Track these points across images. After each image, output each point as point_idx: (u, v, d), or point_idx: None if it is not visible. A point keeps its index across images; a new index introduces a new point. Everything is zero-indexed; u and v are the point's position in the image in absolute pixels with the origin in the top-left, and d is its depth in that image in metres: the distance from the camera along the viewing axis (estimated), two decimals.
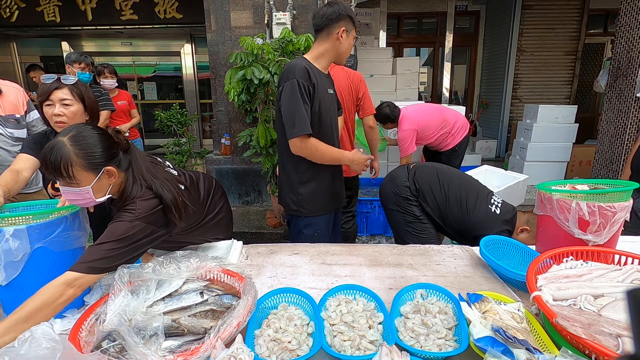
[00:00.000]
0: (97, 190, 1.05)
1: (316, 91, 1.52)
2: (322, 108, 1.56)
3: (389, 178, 1.97)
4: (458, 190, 1.73)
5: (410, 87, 5.40)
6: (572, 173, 4.78)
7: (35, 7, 5.58)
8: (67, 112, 1.40)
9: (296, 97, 1.47)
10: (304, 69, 1.49)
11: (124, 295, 0.87)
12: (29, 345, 0.63)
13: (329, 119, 1.62)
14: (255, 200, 4.40)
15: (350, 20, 1.55)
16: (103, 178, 1.05)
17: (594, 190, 1.15)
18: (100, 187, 1.05)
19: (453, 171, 1.88)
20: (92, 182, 1.02)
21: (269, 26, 3.78)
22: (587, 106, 6.33)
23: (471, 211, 1.67)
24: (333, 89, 1.69)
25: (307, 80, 1.49)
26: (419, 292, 1.01)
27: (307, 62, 1.57)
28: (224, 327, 0.78)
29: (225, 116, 4.23)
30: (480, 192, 1.73)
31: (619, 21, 3.44)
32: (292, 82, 1.47)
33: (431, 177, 1.82)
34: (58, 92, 1.40)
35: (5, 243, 0.88)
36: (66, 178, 0.99)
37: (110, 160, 1.07)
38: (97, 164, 1.03)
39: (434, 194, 1.77)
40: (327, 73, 1.67)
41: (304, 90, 1.48)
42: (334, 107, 1.68)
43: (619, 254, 0.98)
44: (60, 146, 0.98)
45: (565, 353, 0.68)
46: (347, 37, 1.56)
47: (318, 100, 1.53)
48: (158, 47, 6.61)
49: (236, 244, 1.44)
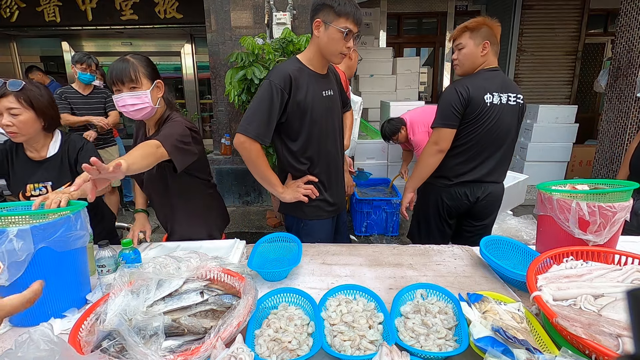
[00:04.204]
0: (152, 98, 1.37)
1: (300, 94, 1.42)
2: (314, 111, 1.46)
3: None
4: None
5: (410, 87, 5.41)
6: (572, 173, 4.79)
7: (35, 7, 5.58)
8: (15, 122, 1.32)
9: (264, 99, 1.39)
10: (285, 74, 1.39)
11: (124, 295, 0.87)
12: (27, 348, 0.63)
13: (324, 121, 1.51)
14: (255, 200, 4.40)
15: (329, 10, 1.33)
16: (155, 89, 1.39)
17: (594, 190, 1.15)
18: (153, 96, 1.38)
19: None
20: (150, 87, 1.36)
21: (269, 26, 3.78)
22: (587, 106, 6.33)
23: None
24: (334, 89, 1.57)
25: (283, 84, 1.38)
26: (419, 292, 1.01)
27: (297, 64, 1.45)
28: (224, 327, 0.78)
29: (225, 116, 4.24)
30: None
31: (619, 21, 3.44)
32: (266, 83, 1.40)
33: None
34: (4, 101, 1.31)
35: (9, 243, 0.88)
36: (133, 81, 1.32)
37: (159, 77, 1.41)
38: (152, 74, 1.38)
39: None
40: (326, 72, 1.54)
41: (276, 93, 1.38)
42: (333, 108, 1.57)
43: (619, 254, 0.98)
44: (125, 60, 1.34)
45: (565, 353, 0.68)
46: (325, 29, 1.35)
47: (308, 103, 1.44)
48: (158, 47, 6.60)
49: (239, 243, 1.44)
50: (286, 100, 1.41)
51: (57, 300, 1.00)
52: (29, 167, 1.47)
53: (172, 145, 1.27)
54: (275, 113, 1.40)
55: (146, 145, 1.21)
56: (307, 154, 1.53)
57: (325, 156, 1.57)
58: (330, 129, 1.56)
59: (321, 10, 1.35)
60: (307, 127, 1.47)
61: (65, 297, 1.02)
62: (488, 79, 1.69)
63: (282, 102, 1.40)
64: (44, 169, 1.47)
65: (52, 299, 0.99)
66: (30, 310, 0.96)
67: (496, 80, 1.69)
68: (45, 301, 0.98)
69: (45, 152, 1.48)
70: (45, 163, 1.48)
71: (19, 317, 0.97)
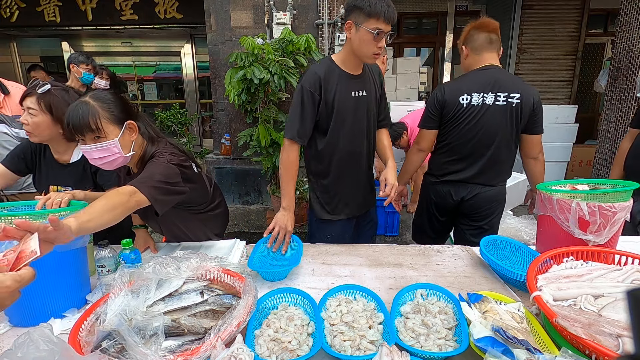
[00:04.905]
0: (123, 145, 1.18)
1: (329, 94, 1.46)
2: (341, 110, 1.49)
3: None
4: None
5: (410, 87, 5.41)
6: (572, 173, 4.78)
7: (35, 7, 5.58)
8: (30, 122, 1.34)
9: (297, 103, 1.47)
10: (314, 76, 1.45)
11: (124, 295, 0.87)
12: (26, 348, 0.63)
13: (352, 121, 1.52)
14: (255, 200, 4.40)
15: (359, 12, 1.34)
16: (126, 133, 1.19)
17: (594, 190, 1.15)
18: (124, 142, 1.19)
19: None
20: (118, 135, 1.15)
21: (269, 26, 3.78)
22: (587, 106, 6.32)
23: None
24: (369, 90, 1.56)
25: (313, 87, 1.45)
26: (419, 292, 1.01)
27: (328, 64, 1.49)
28: (224, 327, 0.78)
29: (225, 116, 4.23)
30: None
31: (619, 21, 3.44)
32: (298, 88, 1.48)
33: None
34: (27, 100, 1.34)
35: (10, 244, 0.88)
36: (95, 131, 1.11)
37: (130, 117, 1.20)
38: (120, 117, 1.17)
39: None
40: (360, 73, 1.53)
41: (307, 96, 1.45)
42: (364, 109, 1.55)
43: (619, 254, 0.98)
44: (84, 104, 1.12)
45: (565, 353, 0.68)
46: (356, 31, 1.37)
47: (332, 102, 1.47)
48: (158, 47, 6.61)
49: (239, 244, 1.44)
50: (318, 101, 1.48)
51: (57, 301, 1.00)
52: (55, 167, 1.50)
53: (152, 187, 1.08)
54: (309, 114, 1.47)
55: (115, 193, 1.00)
56: (330, 152, 1.56)
57: (349, 156, 1.58)
58: (357, 130, 1.55)
59: (352, 12, 1.37)
60: (334, 126, 1.51)
61: (65, 297, 1.02)
62: (474, 79, 1.68)
63: (314, 102, 1.47)
64: (67, 173, 1.49)
65: (52, 299, 0.99)
66: (30, 311, 0.96)
67: (483, 80, 1.65)
68: (45, 301, 0.98)
69: (69, 157, 1.49)
70: (69, 167, 1.49)
71: (19, 317, 0.97)
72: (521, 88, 1.63)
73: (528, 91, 1.63)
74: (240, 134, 3.61)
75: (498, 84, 1.64)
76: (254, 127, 3.62)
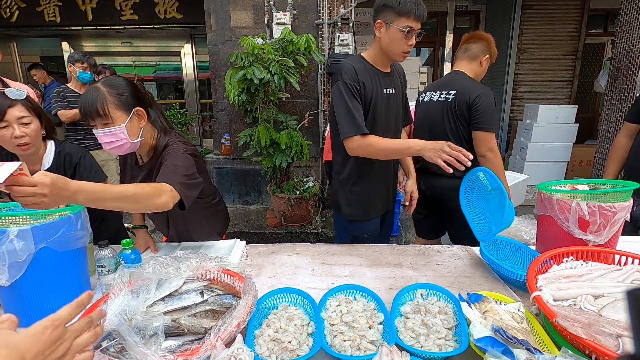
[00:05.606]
0: (130, 131, 1.18)
1: (367, 89, 1.45)
2: (376, 107, 1.48)
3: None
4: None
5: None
6: (572, 173, 4.78)
7: (35, 7, 5.58)
8: (28, 132, 1.27)
9: (343, 99, 1.42)
10: (351, 69, 1.43)
11: (124, 295, 0.87)
12: None
13: (384, 118, 1.52)
14: (255, 200, 4.40)
15: (390, 11, 1.35)
16: (134, 119, 1.19)
17: (594, 190, 1.15)
18: (132, 128, 1.19)
19: None
20: (125, 121, 1.16)
21: (269, 26, 3.78)
22: (587, 106, 6.32)
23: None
24: (397, 89, 1.57)
25: (353, 79, 1.42)
26: (419, 292, 1.01)
27: (361, 60, 1.49)
28: (224, 327, 0.78)
29: (225, 116, 4.24)
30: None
31: (619, 21, 3.44)
32: (338, 85, 1.44)
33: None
34: (13, 111, 1.24)
35: (10, 244, 0.88)
36: (103, 117, 1.13)
37: (139, 104, 1.20)
38: (128, 103, 1.17)
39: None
40: (389, 71, 1.54)
41: (352, 89, 1.42)
42: (394, 107, 1.57)
43: (619, 254, 0.98)
44: (94, 89, 1.13)
45: (565, 353, 0.68)
46: (386, 30, 1.38)
47: (370, 98, 1.46)
48: (158, 47, 6.60)
49: (239, 244, 1.44)
50: (359, 90, 1.44)
51: (57, 300, 1.00)
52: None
53: (180, 184, 1.10)
54: (355, 104, 1.42)
55: (150, 187, 1.00)
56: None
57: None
58: (385, 128, 1.55)
59: (382, 11, 1.37)
60: (368, 122, 1.47)
61: (65, 297, 1.02)
62: (440, 81, 1.92)
63: (357, 91, 1.43)
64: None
65: (52, 299, 0.99)
66: (30, 311, 0.96)
67: (441, 81, 1.90)
68: (45, 301, 0.98)
69: (39, 166, 1.38)
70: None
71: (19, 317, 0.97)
72: (459, 87, 1.77)
73: (465, 89, 1.74)
74: (240, 134, 3.61)
75: (446, 84, 1.84)
76: (254, 127, 3.62)
